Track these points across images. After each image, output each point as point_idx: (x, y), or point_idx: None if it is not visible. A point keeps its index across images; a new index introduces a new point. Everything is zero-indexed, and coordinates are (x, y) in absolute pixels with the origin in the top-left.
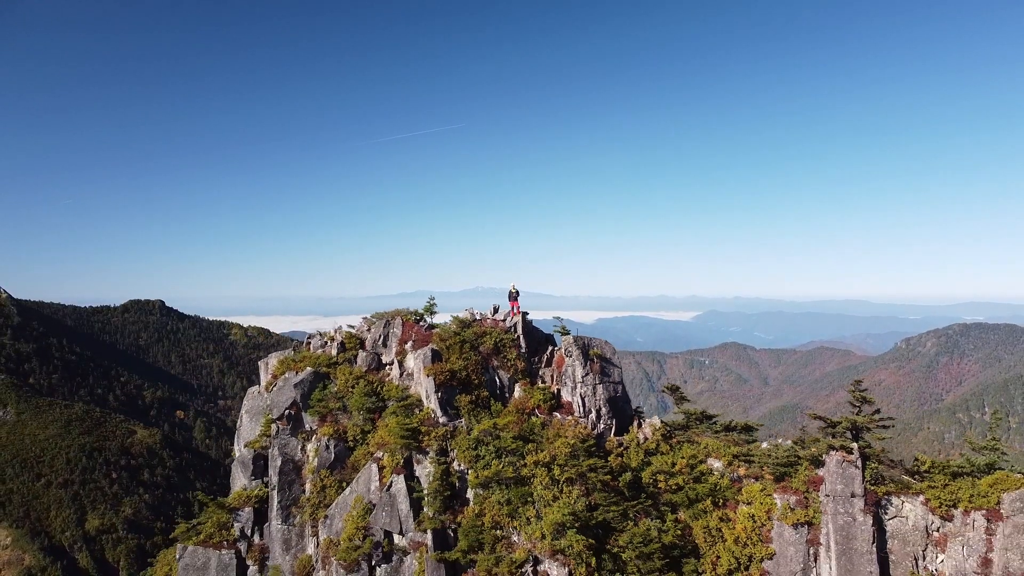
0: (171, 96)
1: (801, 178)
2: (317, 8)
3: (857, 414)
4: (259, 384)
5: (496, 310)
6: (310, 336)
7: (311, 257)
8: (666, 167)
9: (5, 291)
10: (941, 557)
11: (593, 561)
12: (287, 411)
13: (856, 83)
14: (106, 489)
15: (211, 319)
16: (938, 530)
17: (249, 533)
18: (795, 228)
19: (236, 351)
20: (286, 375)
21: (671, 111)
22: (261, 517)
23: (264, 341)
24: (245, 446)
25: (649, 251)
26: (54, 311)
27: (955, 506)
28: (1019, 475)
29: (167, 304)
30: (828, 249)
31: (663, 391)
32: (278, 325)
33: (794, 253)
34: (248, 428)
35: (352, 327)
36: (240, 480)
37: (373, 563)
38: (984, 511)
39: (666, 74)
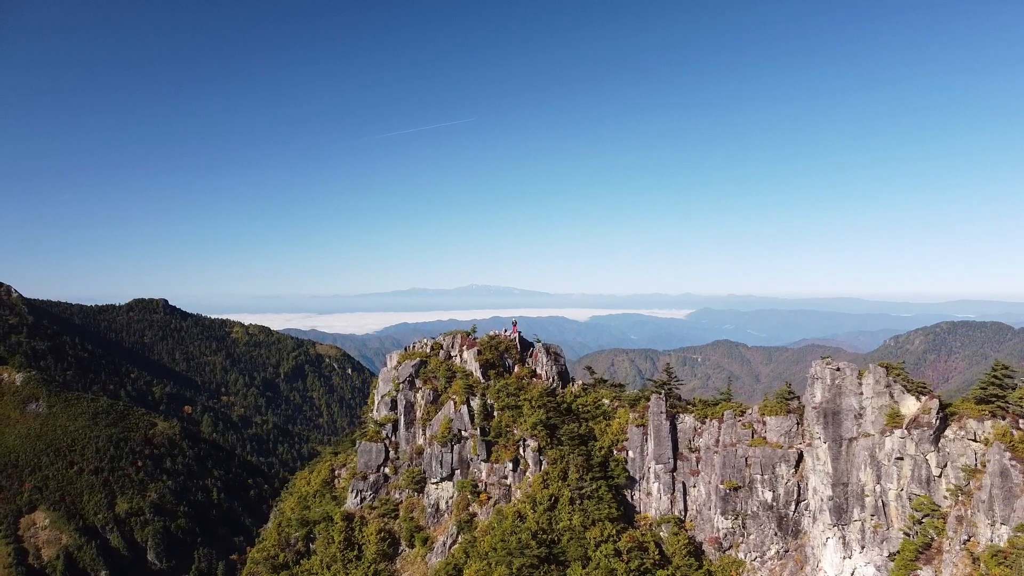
0: (167, 94)
1: (796, 177)
2: (315, 4)
3: (667, 380)
4: (386, 366)
5: (506, 330)
6: (415, 342)
7: (305, 256)
8: (661, 165)
9: (16, 291)
10: (700, 439)
11: (548, 439)
12: (407, 378)
13: (848, 83)
14: (132, 476)
15: (212, 317)
16: (699, 428)
17: (390, 436)
18: (790, 227)
19: (237, 349)
20: (406, 361)
21: (666, 110)
22: (395, 428)
23: (265, 339)
24: (381, 396)
25: (644, 249)
26: (62, 310)
27: (707, 417)
28: (736, 403)
29: (170, 303)
30: (822, 248)
31: (646, 379)
32: (273, 323)
33: (789, 251)
34: (383, 387)
35: (430, 341)
36: (383, 411)
37: (453, 443)
38: (717, 418)
39: (660, 75)
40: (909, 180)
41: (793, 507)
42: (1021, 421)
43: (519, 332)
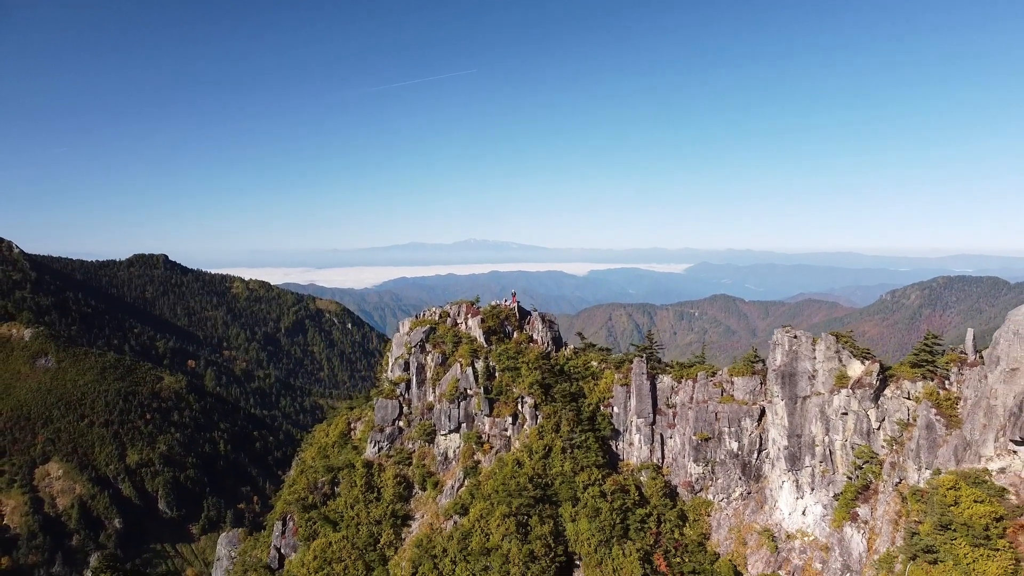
0: (163, 42)
1: (796, 131)
2: None
3: (649, 345)
4: (399, 331)
5: (506, 300)
6: (424, 310)
7: (303, 210)
8: (659, 118)
9: (17, 246)
10: (676, 397)
11: (543, 397)
12: (418, 343)
13: (847, 37)
14: (142, 428)
15: (213, 272)
16: (675, 387)
17: (403, 393)
18: (790, 181)
19: (238, 304)
20: (417, 328)
21: (663, 62)
22: (408, 387)
23: (265, 294)
24: (395, 359)
25: (643, 203)
26: (63, 265)
27: (683, 377)
28: (709, 365)
29: (171, 258)
30: (822, 202)
31: (631, 345)
32: (272, 277)
33: (788, 206)
34: (396, 350)
35: (438, 309)
36: (398, 371)
37: (460, 400)
38: (691, 379)
39: (658, 25)
40: (909, 134)
41: (755, 455)
42: (947, 382)
43: (518, 302)
